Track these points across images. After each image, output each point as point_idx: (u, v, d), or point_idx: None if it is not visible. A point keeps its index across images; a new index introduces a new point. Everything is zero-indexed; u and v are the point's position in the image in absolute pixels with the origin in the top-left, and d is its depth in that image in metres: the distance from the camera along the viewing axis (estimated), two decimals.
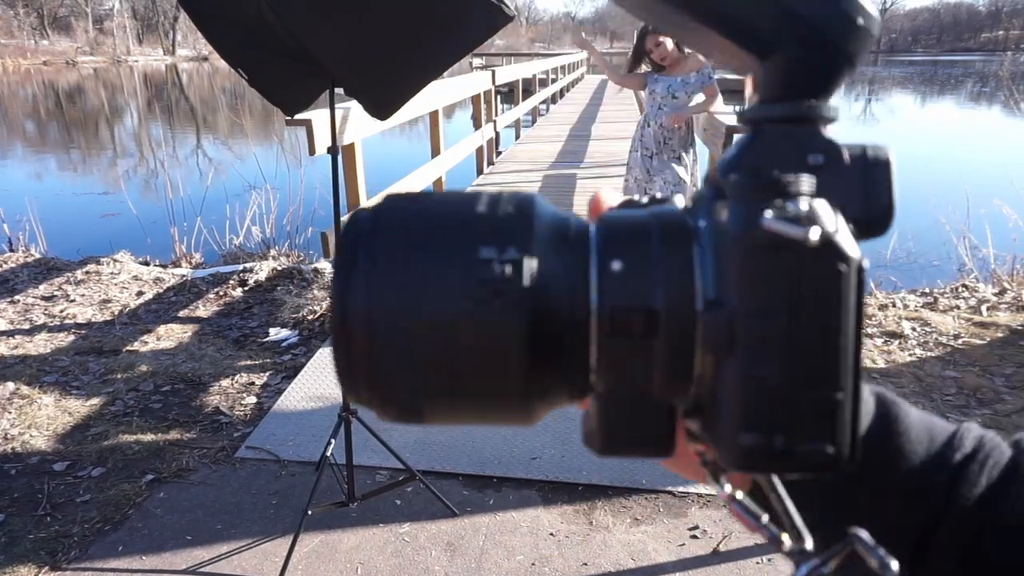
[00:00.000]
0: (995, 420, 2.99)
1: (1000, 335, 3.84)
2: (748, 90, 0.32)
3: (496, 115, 8.97)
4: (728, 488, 0.29)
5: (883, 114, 23.67)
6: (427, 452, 2.71)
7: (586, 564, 2.21)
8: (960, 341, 3.77)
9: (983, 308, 4.23)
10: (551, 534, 2.32)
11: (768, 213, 0.25)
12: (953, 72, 51.11)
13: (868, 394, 0.36)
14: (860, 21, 0.28)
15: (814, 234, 0.24)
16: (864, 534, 0.27)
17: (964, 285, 4.64)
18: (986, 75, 43.58)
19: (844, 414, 0.26)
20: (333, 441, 2.25)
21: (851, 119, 22.53)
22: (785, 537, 0.28)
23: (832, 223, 0.25)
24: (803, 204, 0.25)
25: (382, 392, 0.28)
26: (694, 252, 0.27)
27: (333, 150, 2.16)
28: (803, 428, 0.26)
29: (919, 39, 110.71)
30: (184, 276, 4.92)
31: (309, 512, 2.15)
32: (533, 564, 2.21)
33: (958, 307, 4.28)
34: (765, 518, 0.28)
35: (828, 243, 0.25)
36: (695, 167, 4.19)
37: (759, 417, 0.26)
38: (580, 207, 6.46)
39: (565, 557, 2.23)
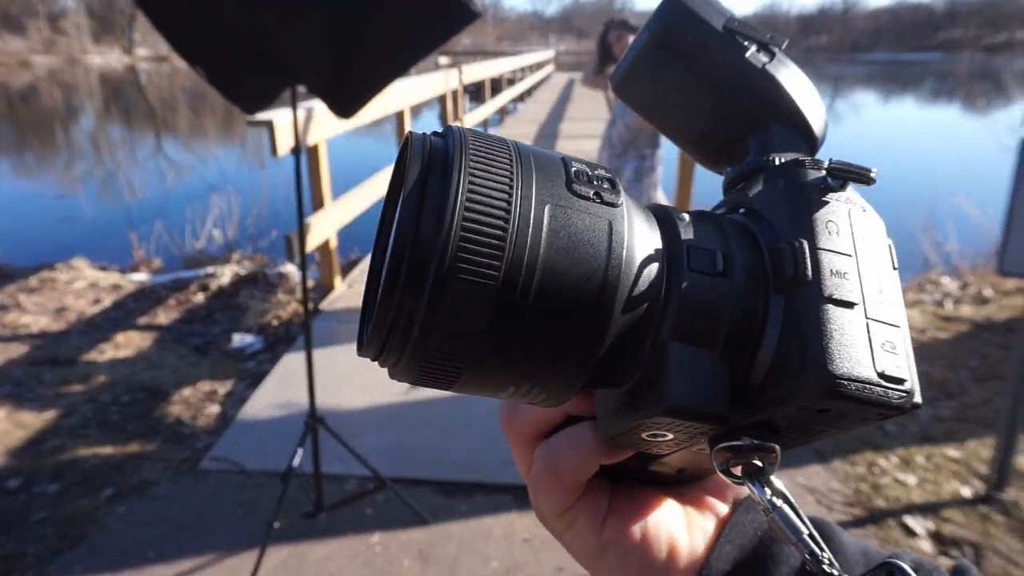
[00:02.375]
0: (962, 412, 3.03)
1: (964, 328, 3.90)
2: None
3: (463, 113, 8.91)
4: (768, 495, 0.27)
5: (847, 112, 24.10)
6: (397, 459, 2.65)
7: (562, 569, 2.17)
8: (927, 335, 3.83)
9: (948, 302, 4.30)
10: (525, 540, 2.28)
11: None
12: (913, 71, 52.36)
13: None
14: None
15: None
16: (904, 564, 0.28)
17: (929, 280, 4.72)
18: (944, 74, 44.71)
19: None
20: (300, 450, 2.20)
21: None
22: (826, 556, 0.27)
23: None
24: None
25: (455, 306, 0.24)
26: None
27: (296, 150, 2.10)
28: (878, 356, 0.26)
29: (881, 38, 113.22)
30: (143, 282, 4.79)
31: (276, 524, 2.09)
32: (508, 571, 2.16)
33: (923, 301, 4.34)
34: (806, 532, 0.27)
35: None
36: (659, 168, 4.17)
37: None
38: None
39: (540, 562, 2.20)
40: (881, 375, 0.26)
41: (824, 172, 0.30)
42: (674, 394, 0.26)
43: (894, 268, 0.29)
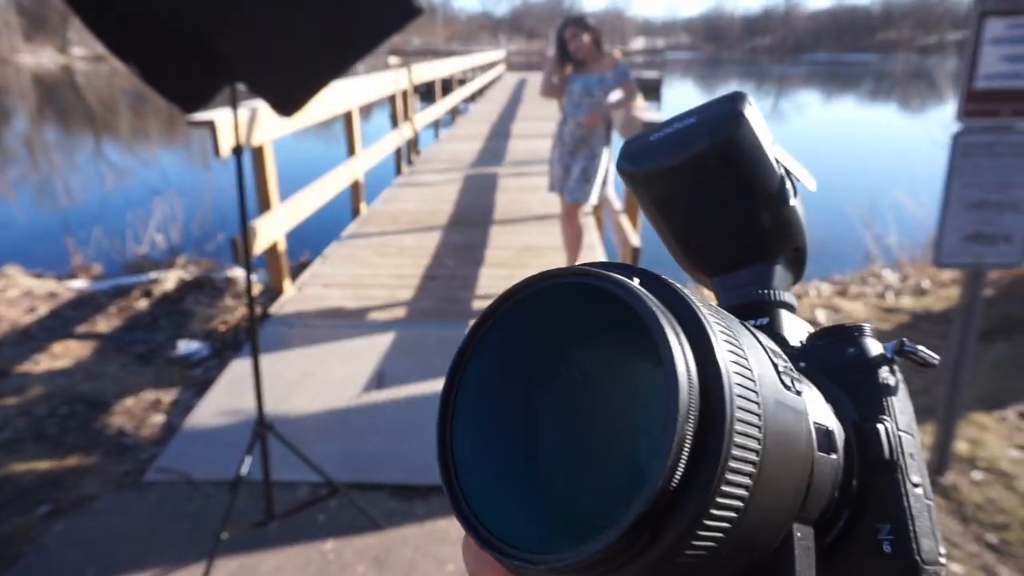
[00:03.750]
0: None
1: (905, 319, 4.03)
2: None
3: (414, 113, 8.84)
4: None
5: (792, 111, 24.73)
6: (350, 464, 2.60)
7: None
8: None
9: (889, 294, 4.44)
10: None
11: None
12: (853, 71, 54.02)
13: None
14: None
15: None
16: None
17: (871, 273, 4.87)
18: (882, 74, 46.26)
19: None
20: (249, 458, 2.14)
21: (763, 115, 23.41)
22: None
23: None
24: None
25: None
26: None
27: (237, 150, 2.04)
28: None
29: (822, 39, 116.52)
30: (82, 289, 4.61)
31: (224, 535, 2.03)
32: (464, 574, 2.14)
33: (866, 294, 4.48)
34: None
35: None
36: (610, 163, 4.21)
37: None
38: (501, 206, 6.43)
39: None
40: (942, 555, 0.28)
41: (891, 352, 0.32)
42: None
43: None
